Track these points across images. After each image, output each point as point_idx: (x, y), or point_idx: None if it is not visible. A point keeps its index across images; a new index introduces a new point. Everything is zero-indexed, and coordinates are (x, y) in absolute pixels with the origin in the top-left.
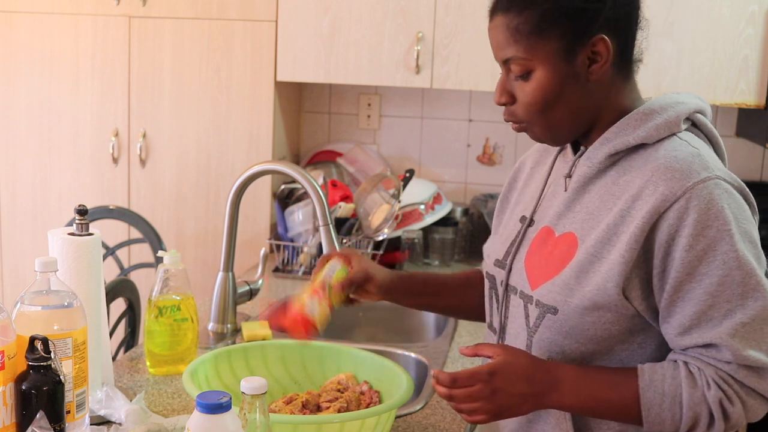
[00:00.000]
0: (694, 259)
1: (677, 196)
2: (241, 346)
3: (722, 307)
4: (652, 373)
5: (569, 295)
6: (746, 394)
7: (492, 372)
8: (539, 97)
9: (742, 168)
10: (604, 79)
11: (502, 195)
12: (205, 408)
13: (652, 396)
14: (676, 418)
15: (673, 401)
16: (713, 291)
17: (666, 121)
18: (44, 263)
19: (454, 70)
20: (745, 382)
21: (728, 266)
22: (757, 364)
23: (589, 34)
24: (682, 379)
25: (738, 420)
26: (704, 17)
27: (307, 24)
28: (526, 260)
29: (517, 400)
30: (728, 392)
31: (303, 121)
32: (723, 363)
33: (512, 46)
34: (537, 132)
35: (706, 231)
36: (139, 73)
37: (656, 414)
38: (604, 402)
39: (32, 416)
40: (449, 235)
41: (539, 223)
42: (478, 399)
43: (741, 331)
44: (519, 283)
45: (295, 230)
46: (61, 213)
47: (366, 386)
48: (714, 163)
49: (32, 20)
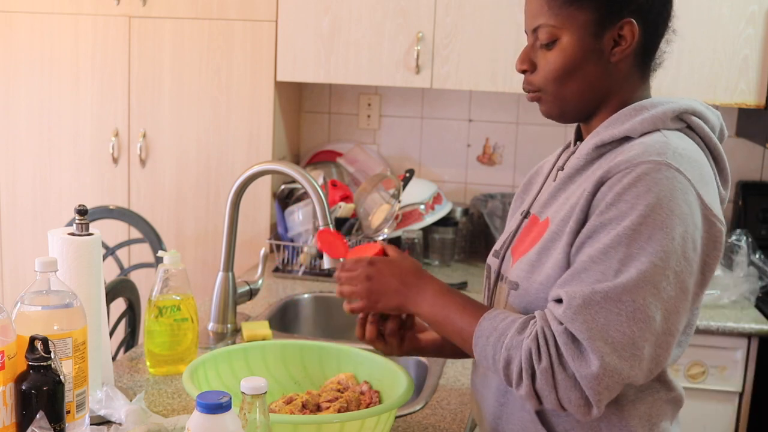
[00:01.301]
0: (599, 224)
1: (620, 169)
2: (241, 346)
3: (594, 275)
4: (499, 312)
5: (530, 271)
6: (559, 363)
7: (372, 262)
8: (560, 64)
9: (742, 168)
10: (623, 66)
11: (517, 196)
12: (205, 408)
13: (486, 326)
14: (496, 357)
15: (498, 338)
16: (595, 257)
17: (652, 116)
18: (44, 263)
19: (454, 70)
20: (562, 349)
21: (618, 240)
22: (580, 337)
23: (620, 14)
24: (517, 322)
25: (543, 386)
26: (704, 17)
27: (307, 24)
28: (513, 248)
29: (387, 291)
30: (542, 347)
31: (303, 121)
32: (554, 320)
33: (545, 13)
34: (548, 103)
35: (620, 204)
36: (139, 73)
37: (482, 346)
38: (450, 321)
39: (32, 416)
40: (449, 235)
41: (531, 214)
42: (355, 282)
43: (590, 300)
44: (506, 270)
45: (295, 230)
46: (61, 213)
47: (366, 386)
48: (680, 153)
49: (32, 20)
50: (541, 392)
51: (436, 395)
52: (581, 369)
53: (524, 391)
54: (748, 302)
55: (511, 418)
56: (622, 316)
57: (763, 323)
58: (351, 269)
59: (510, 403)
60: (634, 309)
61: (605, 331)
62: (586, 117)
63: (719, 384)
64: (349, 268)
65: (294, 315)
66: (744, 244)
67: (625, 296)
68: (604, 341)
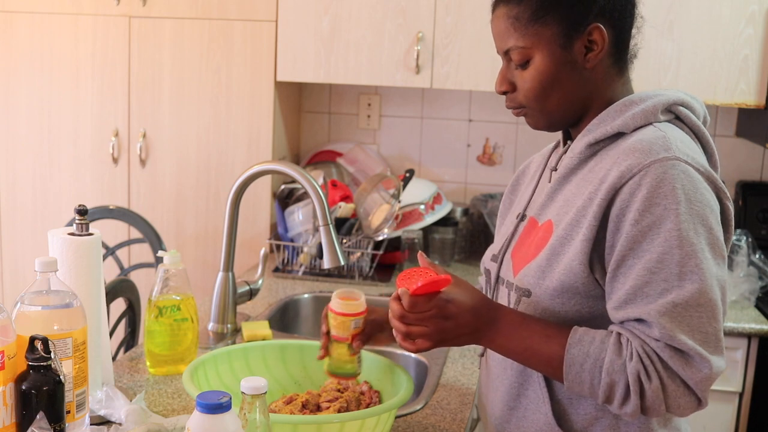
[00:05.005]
0: (639, 234)
1: (633, 173)
2: (241, 346)
3: (659, 285)
4: (584, 334)
5: (541, 277)
6: (668, 376)
7: (448, 299)
8: (537, 82)
9: (742, 168)
10: (600, 69)
11: (505, 196)
12: (205, 408)
13: (576, 353)
14: (595, 382)
15: (594, 364)
16: (651, 267)
17: (643, 111)
18: (44, 263)
19: (454, 70)
20: (669, 363)
21: (669, 245)
22: (684, 348)
23: (585, 21)
24: (610, 345)
25: (654, 401)
26: (704, 17)
27: (307, 24)
28: (512, 252)
29: (461, 331)
30: (648, 368)
31: (303, 121)
32: (651, 339)
33: (512, 35)
34: (534, 117)
35: (653, 208)
36: (139, 73)
37: (576, 373)
38: (533, 351)
39: (32, 416)
40: (449, 235)
41: (528, 217)
42: (429, 323)
43: (672, 312)
44: (506, 273)
45: (295, 230)
46: (61, 213)
47: (366, 386)
48: (680, 147)
49: (32, 20)
50: (651, 407)
51: (436, 395)
52: (693, 376)
53: (630, 409)
54: (748, 302)
55: (522, 422)
56: (704, 317)
57: (763, 323)
58: (422, 309)
59: (522, 407)
60: (711, 306)
61: (699, 334)
62: (574, 122)
63: (719, 384)
64: (421, 309)
65: (294, 315)
66: (744, 244)
67: (701, 298)
68: (702, 344)
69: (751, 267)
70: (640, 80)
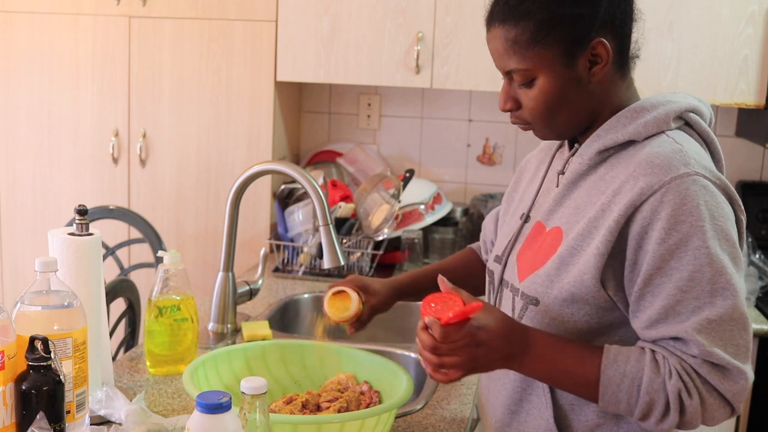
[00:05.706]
0: (666, 253)
1: (654, 190)
2: (241, 346)
3: (690, 303)
4: (618, 353)
5: (550, 286)
6: (707, 390)
7: (479, 326)
8: (543, 103)
9: (742, 168)
10: (606, 80)
11: (507, 194)
12: (205, 408)
13: (612, 374)
14: (632, 401)
15: (632, 383)
16: (682, 286)
17: (655, 119)
18: (44, 263)
19: (454, 70)
20: (707, 378)
21: (699, 262)
22: (722, 362)
23: (588, 38)
24: (646, 363)
25: (693, 416)
26: (704, 17)
27: (307, 24)
28: (518, 255)
29: (493, 356)
30: (689, 384)
31: (303, 121)
32: (688, 356)
33: (512, 57)
34: (541, 132)
35: (679, 226)
36: (139, 73)
37: (613, 393)
38: (568, 373)
39: (32, 416)
40: (449, 235)
41: (533, 220)
42: (462, 352)
43: (707, 328)
44: (511, 276)
45: (295, 230)
46: (61, 213)
47: (366, 386)
48: (698, 159)
49: (32, 20)
50: (690, 421)
51: (436, 395)
52: (731, 388)
53: (668, 424)
54: (748, 302)
55: (523, 426)
56: (735, 330)
57: (763, 323)
58: (454, 339)
59: (524, 411)
60: (742, 319)
61: (732, 347)
62: (583, 132)
63: None
64: (453, 338)
65: (294, 315)
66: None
67: (734, 313)
68: (735, 356)
69: (751, 267)
70: (640, 80)
